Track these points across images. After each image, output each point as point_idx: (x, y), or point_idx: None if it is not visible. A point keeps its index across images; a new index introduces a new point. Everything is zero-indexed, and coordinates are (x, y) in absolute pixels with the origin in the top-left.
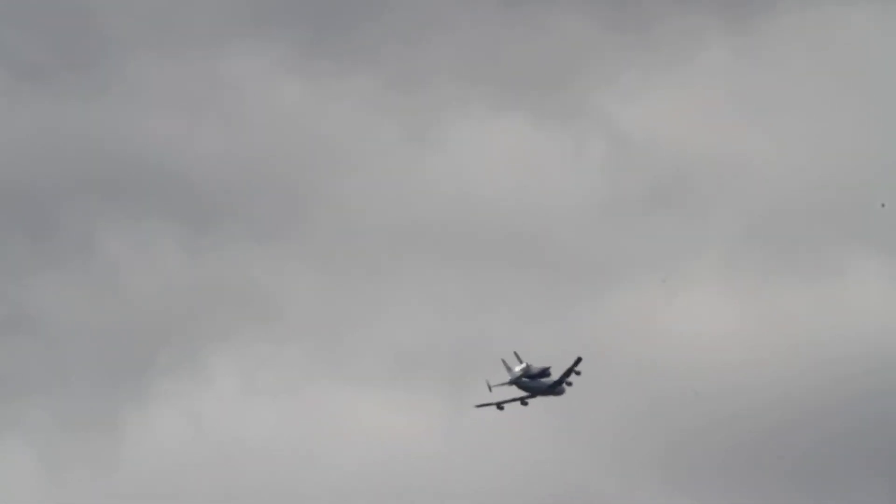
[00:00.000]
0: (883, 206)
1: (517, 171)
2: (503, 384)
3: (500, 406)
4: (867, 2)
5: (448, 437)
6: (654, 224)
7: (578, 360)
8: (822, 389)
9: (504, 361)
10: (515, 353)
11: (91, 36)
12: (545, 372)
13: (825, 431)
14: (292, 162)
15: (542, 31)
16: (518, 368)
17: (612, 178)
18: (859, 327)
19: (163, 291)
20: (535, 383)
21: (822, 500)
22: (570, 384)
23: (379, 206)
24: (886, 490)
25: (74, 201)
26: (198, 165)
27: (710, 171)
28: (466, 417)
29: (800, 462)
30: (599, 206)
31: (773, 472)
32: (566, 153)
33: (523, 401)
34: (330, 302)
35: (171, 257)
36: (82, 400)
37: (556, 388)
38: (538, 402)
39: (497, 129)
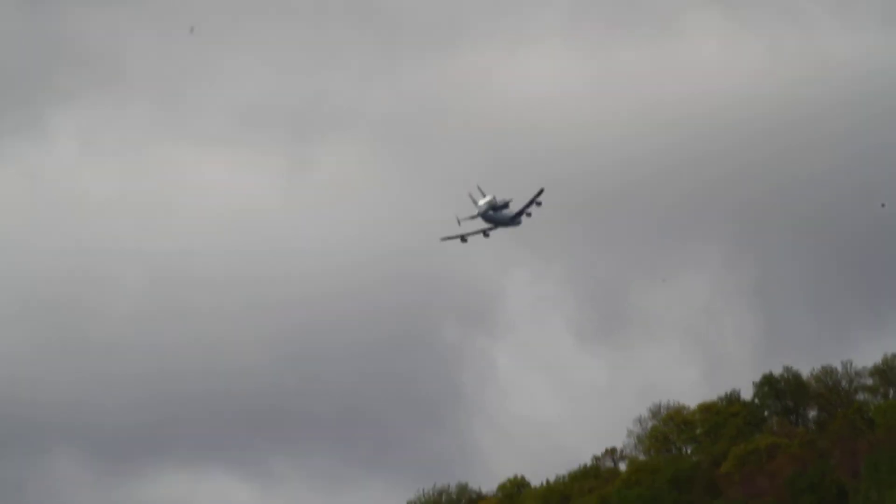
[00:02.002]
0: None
1: None
2: (470, 217)
3: (463, 239)
4: None
5: (290, 192)
6: None
7: (541, 192)
8: (666, 146)
9: (471, 195)
10: (479, 187)
11: None
12: (507, 204)
13: (668, 188)
14: None
15: None
16: (483, 202)
17: None
18: (698, 83)
19: (1, 54)
20: (498, 215)
21: (672, 249)
22: (529, 215)
23: None
24: (726, 240)
25: None
26: None
27: None
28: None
29: (647, 216)
30: None
31: (623, 226)
32: None
33: (485, 233)
34: (170, 62)
35: (9, 19)
36: None
37: (516, 220)
38: (499, 233)
39: None
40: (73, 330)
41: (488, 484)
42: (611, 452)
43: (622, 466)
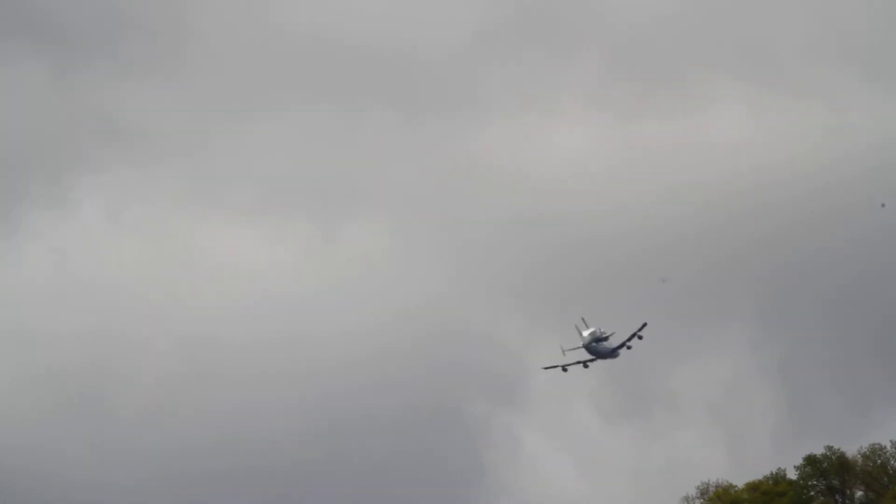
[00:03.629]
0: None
1: (386, 3)
2: (575, 348)
3: (564, 368)
4: None
5: (316, 271)
6: (522, 60)
7: (643, 326)
8: (692, 224)
9: (576, 327)
10: (583, 319)
11: None
12: (607, 337)
13: (699, 266)
14: None
15: None
16: (587, 333)
17: (480, 11)
18: (724, 160)
19: (30, 125)
20: (601, 347)
21: (697, 322)
22: (629, 347)
23: (246, 40)
24: (751, 318)
25: None
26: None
27: (577, 2)
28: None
29: (679, 291)
30: (468, 41)
31: (653, 298)
32: None
33: (585, 364)
34: (198, 135)
35: (36, 90)
36: None
37: (616, 352)
38: (598, 365)
39: None
40: (93, 418)
41: None
42: None
43: None
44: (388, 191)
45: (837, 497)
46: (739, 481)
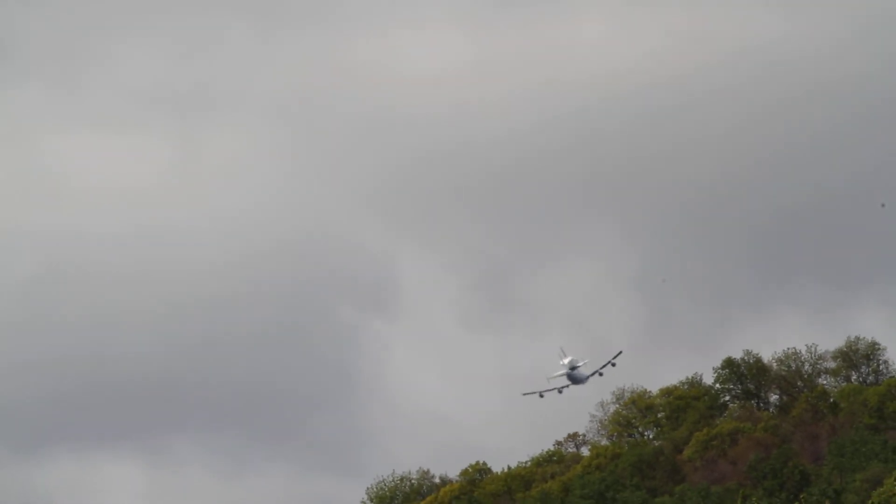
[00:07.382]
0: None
1: None
2: (558, 375)
3: (541, 394)
4: None
5: (180, 176)
6: None
7: (618, 354)
8: (554, 128)
9: (558, 355)
10: (561, 349)
11: None
12: (580, 365)
13: (558, 171)
14: None
15: None
16: (566, 361)
17: None
18: (590, 66)
19: None
20: (578, 374)
21: (561, 231)
22: (601, 374)
23: None
24: (615, 225)
25: None
26: None
27: None
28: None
29: (532, 198)
30: None
31: (517, 200)
32: None
33: (560, 390)
34: (60, 47)
35: None
36: None
37: (587, 379)
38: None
39: None
40: None
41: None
42: (573, 437)
43: (584, 451)
44: (248, 99)
45: (753, 401)
46: (654, 387)
